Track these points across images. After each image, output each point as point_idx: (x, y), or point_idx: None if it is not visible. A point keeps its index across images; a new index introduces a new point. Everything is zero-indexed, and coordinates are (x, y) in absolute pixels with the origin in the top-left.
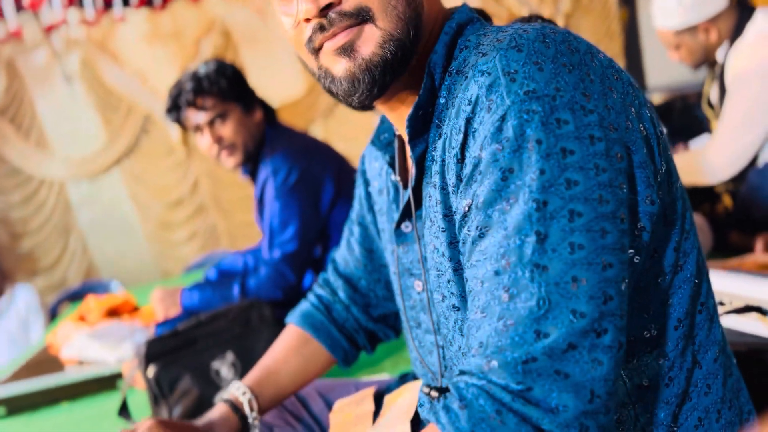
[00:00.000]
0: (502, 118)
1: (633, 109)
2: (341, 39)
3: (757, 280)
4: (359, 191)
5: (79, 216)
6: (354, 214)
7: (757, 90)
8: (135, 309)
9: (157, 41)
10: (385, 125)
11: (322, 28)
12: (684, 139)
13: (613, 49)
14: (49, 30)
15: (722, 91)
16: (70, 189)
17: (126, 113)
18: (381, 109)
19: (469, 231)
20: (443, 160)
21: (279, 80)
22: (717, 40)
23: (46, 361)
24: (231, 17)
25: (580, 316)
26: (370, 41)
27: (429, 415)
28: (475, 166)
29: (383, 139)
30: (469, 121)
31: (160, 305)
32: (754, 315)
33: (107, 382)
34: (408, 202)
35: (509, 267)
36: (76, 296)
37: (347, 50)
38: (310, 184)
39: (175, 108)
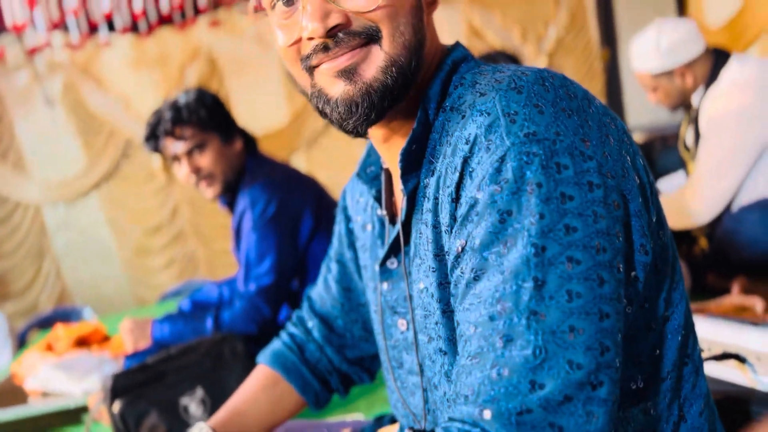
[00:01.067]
0: (502, 159)
1: (628, 157)
2: (343, 61)
3: (735, 327)
4: (339, 228)
5: (55, 240)
6: (332, 251)
7: (731, 136)
8: (105, 338)
9: (142, 67)
10: (371, 158)
11: (325, 48)
12: (660, 177)
13: (594, 87)
14: (32, 52)
15: (697, 134)
16: (46, 212)
17: (107, 137)
18: (372, 137)
19: (462, 272)
20: (436, 198)
21: (263, 109)
22: (693, 85)
23: (9, 392)
24: (217, 45)
25: (577, 367)
26: (373, 64)
27: None
28: (472, 206)
29: (369, 173)
30: (466, 161)
31: (130, 336)
32: (732, 362)
33: (72, 416)
34: (396, 238)
35: (505, 312)
36: (46, 323)
37: (348, 73)
38: (289, 216)
39: (153, 137)
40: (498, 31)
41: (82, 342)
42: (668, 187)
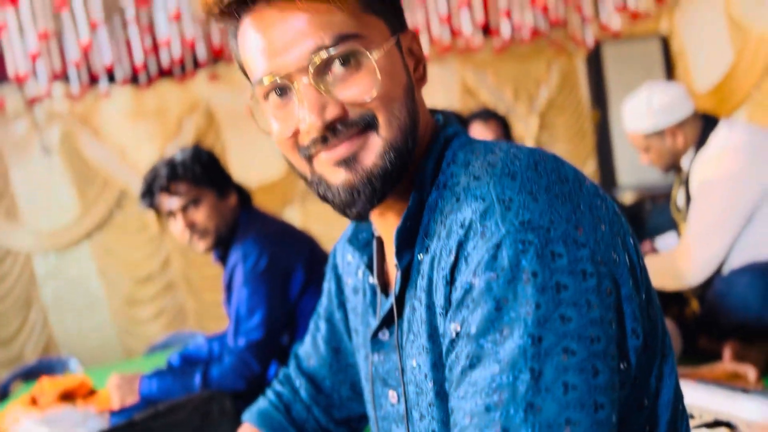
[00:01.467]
0: (497, 246)
1: (619, 239)
2: (342, 151)
3: (726, 394)
4: (329, 285)
5: (43, 289)
6: (322, 309)
7: (721, 200)
8: (91, 392)
9: (140, 118)
10: (362, 224)
11: (323, 140)
12: (651, 237)
13: (585, 147)
14: (32, 102)
15: (688, 197)
16: (36, 261)
17: (102, 187)
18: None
19: (458, 359)
20: (431, 278)
21: (259, 161)
22: (684, 146)
23: None
24: (215, 98)
25: None
26: (372, 152)
27: None
28: (467, 291)
29: (361, 239)
30: (461, 245)
31: (117, 392)
32: (723, 430)
33: None
34: (389, 311)
35: (501, 404)
36: (30, 374)
37: (348, 161)
38: (280, 270)
39: (149, 193)
40: (491, 90)
41: (68, 396)
42: (661, 246)
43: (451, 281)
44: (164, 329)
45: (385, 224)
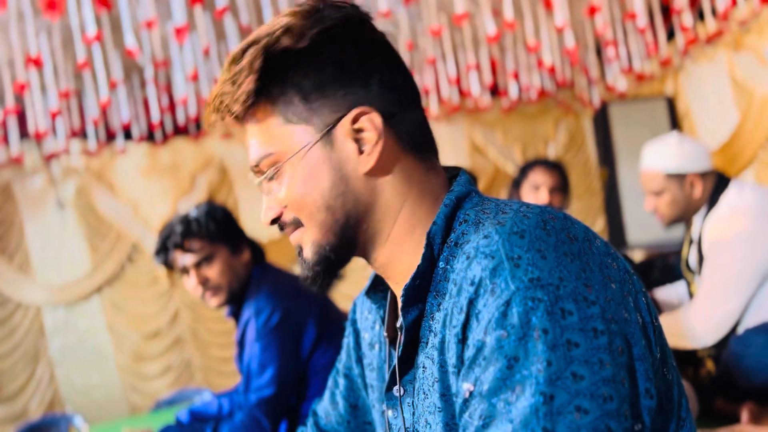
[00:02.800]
0: (507, 304)
1: (630, 298)
2: (293, 241)
3: None
4: (348, 341)
5: (51, 343)
6: (340, 364)
7: (734, 260)
8: None
9: (154, 174)
10: (381, 277)
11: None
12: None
13: (593, 205)
14: (49, 158)
15: (700, 256)
16: (45, 314)
17: (114, 241)
18: (375, 267)
19: (471, 418)
20: (443, 337)
21: None
22: (698, 199)
23: None
24: (228, 154)
25: None
26: (307, 248)
27: None
28: (479, 350)
29: (378, 292)
30: (471, 302)
31: None
32: None
33: None
34: (399, 367)
35: None
36: (35, 430)
37: (299, 251)
38: (293, 326)
39: (163, 249)
40: (499, 149)
41: None
42: (670, 294)
43: (463, 339)
44: (171, 385)
45: (394, 281)
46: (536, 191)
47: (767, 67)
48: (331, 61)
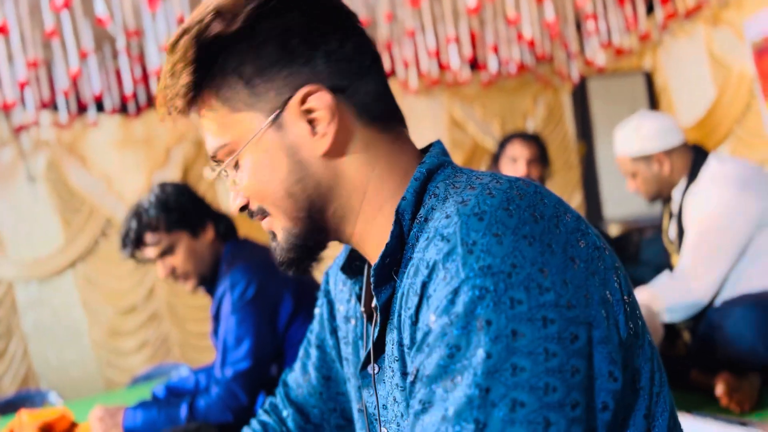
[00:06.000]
0: (455, 292)
1: (597, 277)
2: (264, 227)
3: (723, 427)
4: (321, 311)
5: (24, 318)
6: (312, 335)
7: (714, 232)
8: (72, 426)
9: (128, 147)
10: (356, 252)
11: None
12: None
13: (571, 179)
14: (18, 130)
15: (680, 229)
16: (18, 289)
17: (87, 216)
18: (351, 243)
19: (413, 401)
20: (400, 316)
21: None
22: (670, 174)
23: None
24: None
25: None
26: (279, 235)
27: None
28: (426, 334)
29: (354, 267)
30: (425, 285)
31: (100, 425)
32: None
33: None
34: (375, 344)
35: None
36: (8, 406)
37: (272, 237)
38: (268, 299)
39: (125, 246)
40: (478, 124)
41: (47, 429)
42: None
43: (415, 321)
44: (147, 361)
45: (370, 258)
46: (514, 164)
47: (745, 43)
48: (269, 40)
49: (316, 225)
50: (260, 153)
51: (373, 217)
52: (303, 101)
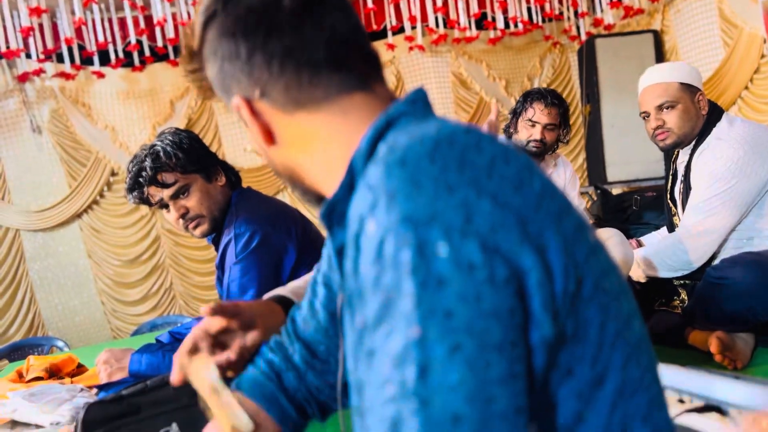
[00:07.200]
0: (382, 242)
1: (534, 225)
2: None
3: (717, 379)
4: (329, 251)
5: (31, 267)
6: (320, 274)
7: (720, 190)
8: (78, 370)
9: (132, 99)
10: None
11: None
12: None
13: (574, 141)
14: (23, 79)
15: (686, 188)
16: (24, 239)
17: (92, 167)
18: None
19: (361, 349)
20: (344, 267)
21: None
22: (700, 120)
23: None
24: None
25: None
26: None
27: None
28: (362, 285)
29: None
30: (357, 237)
31: (105, 367)
32: (714, 415)
33: None
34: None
35: (391, 399)
36: (17, 351)
37: None
38: (272, 249)
39: (136, 186)
40: (484, 83)
41: (55, 372)
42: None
43: (354, 272)
44: (151, 311)
45: None
46: (532, 128)
47: (756, 4)
48: (213, 59)
49: (306, 189)
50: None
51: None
52: (237, 107)
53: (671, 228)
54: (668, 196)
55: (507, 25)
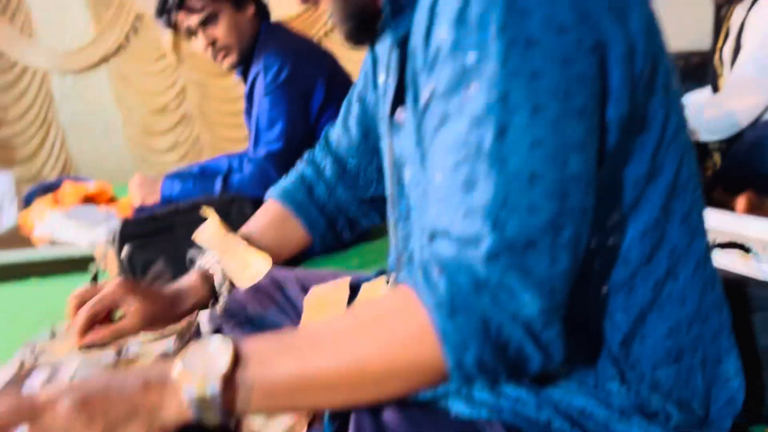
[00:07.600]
0: (466, 2)
1: (622, 1)
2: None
3: (743, 219)
4: (366, 68)
5: (61, 110)
6: (356, 91)
7: None
8: (112, 199)
9: None
10: None
11: None
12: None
13: None
14: None
15: (737, 47)
16: (53, 81)
17: (117, 10)
18: None
19: (431, 120)
20: (414, 46)
21: None
22: None
23: (16, 240)
24: None
25: (538, 212)
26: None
27: (405, 278)
28: (438, 49)
29: None
30: (433, 5)
31: (139, 191)
32: (737, 252)
33: (78, 264)
34: (397, 88)
35: (467, 159)
36: (51, 189)
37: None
38: (301, 84)
39: (165, 11)
40: None
41: (89, 200)
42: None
43: (426, 43)
44: (179, 161)
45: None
46: None
47: None
48: None
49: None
50: None
51: None
52: None
53: (715, 91)
54: (718, 55)
55: None
